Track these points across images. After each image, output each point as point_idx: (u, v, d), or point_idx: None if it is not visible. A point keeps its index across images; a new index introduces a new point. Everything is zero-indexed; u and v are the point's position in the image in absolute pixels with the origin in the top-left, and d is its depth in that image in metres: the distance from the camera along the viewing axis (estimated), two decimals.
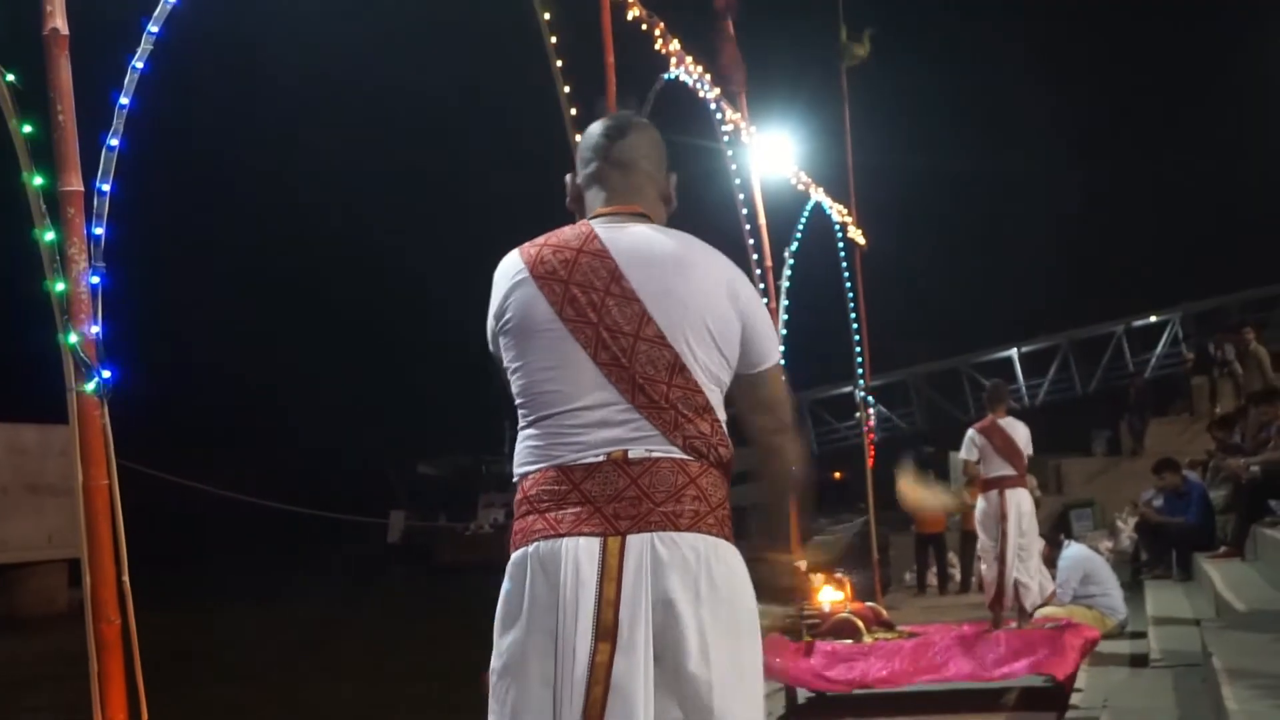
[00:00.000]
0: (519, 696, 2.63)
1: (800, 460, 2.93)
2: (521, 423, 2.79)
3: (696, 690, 2.59)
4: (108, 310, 3.89)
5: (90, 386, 3.81)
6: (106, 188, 3.96)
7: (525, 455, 2.77)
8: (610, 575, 2.60)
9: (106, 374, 3.83)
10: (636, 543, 2.62)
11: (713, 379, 2.74)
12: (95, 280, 3.86)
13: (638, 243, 2.78)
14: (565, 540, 2.64)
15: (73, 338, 3.79)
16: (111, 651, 3.76)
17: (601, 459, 2.66)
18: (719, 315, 2.74)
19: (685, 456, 2.68)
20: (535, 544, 2.67)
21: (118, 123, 4.05)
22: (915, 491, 12.49)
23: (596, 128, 2.99)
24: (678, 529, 2.64)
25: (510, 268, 2.83)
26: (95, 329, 3.84)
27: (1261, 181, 36.62)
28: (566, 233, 2.83)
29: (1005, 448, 9.70)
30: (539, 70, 6.77)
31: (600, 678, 2.55)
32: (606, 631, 2.57)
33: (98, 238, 3.90)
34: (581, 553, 2.62)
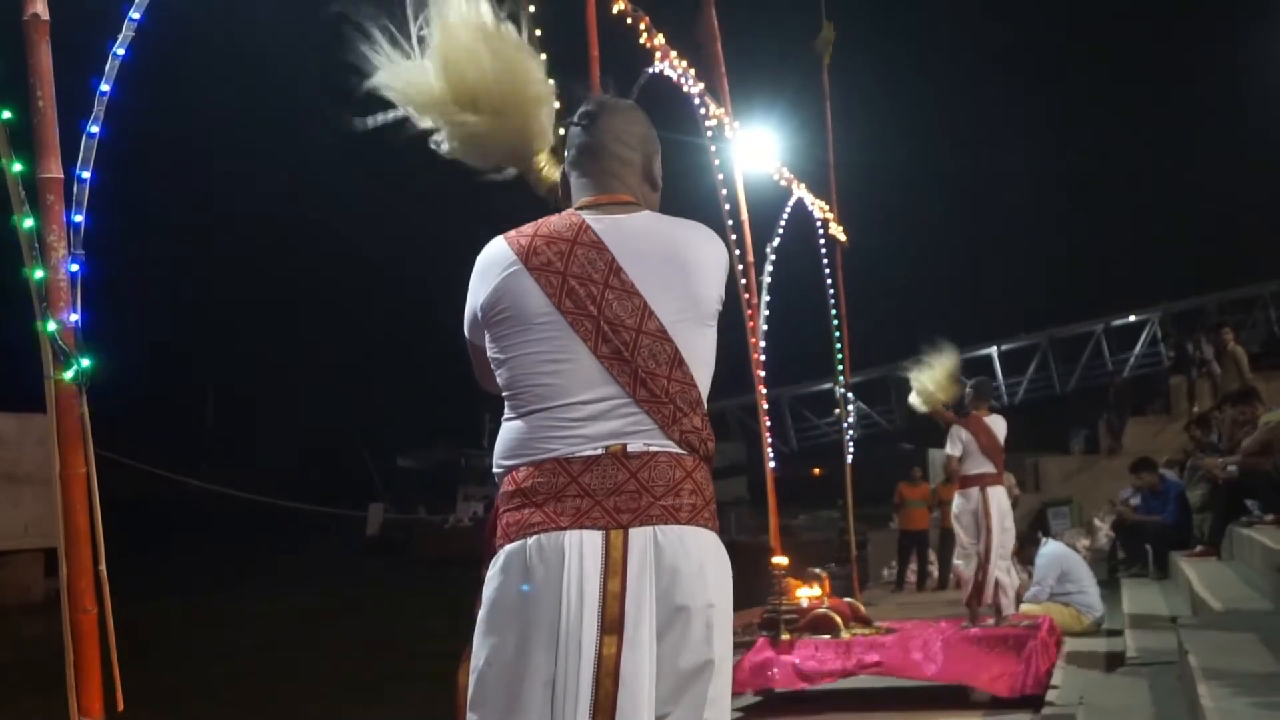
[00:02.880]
0: (514, 692, 2.60)
1: None
2: (510, 414, 2.76)
3: (698, 680, 2.60)
4: (86, 298, 3.87)
5: (69, 375, 3.78)
6: (86, 175, 3.94)
7: (516, 447, 2.73)
8: (614, 569, 2.59)
9: (85, 362, 3.81)
10: (639, 536, 2.61)
11: (705, 372, 2.76)
12: (74, 268, 3.84)
13: (633, 234, 2.76)
14: (569, 533, 2.61)
15: (51, 326, 3.77)
16: (87, 641, 3.75)
17: (600, 452, 2.65)
18: (712, 308, 2.77)
19: (681, 451, 2.68)
20: (535, 537, 2.64)
21: (98, 110, 4.02)
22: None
23: (578, 114, 2.98)
24: (678, 522, 2.64)
25: (500, 257, 2.78)
26: (74, 317, 3.82)
27: (1242, 183, 36.83)
28: (556, 222, 2.80)
29: (989, 445, 9.72)
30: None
31: (610, 670, 2.54)
32: (612, 625, 2.56)
33: (77, 225, 3.88)
34: (585, 546, 2.60)
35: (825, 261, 14.10)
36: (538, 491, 2.66)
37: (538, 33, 6.87)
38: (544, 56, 6.82)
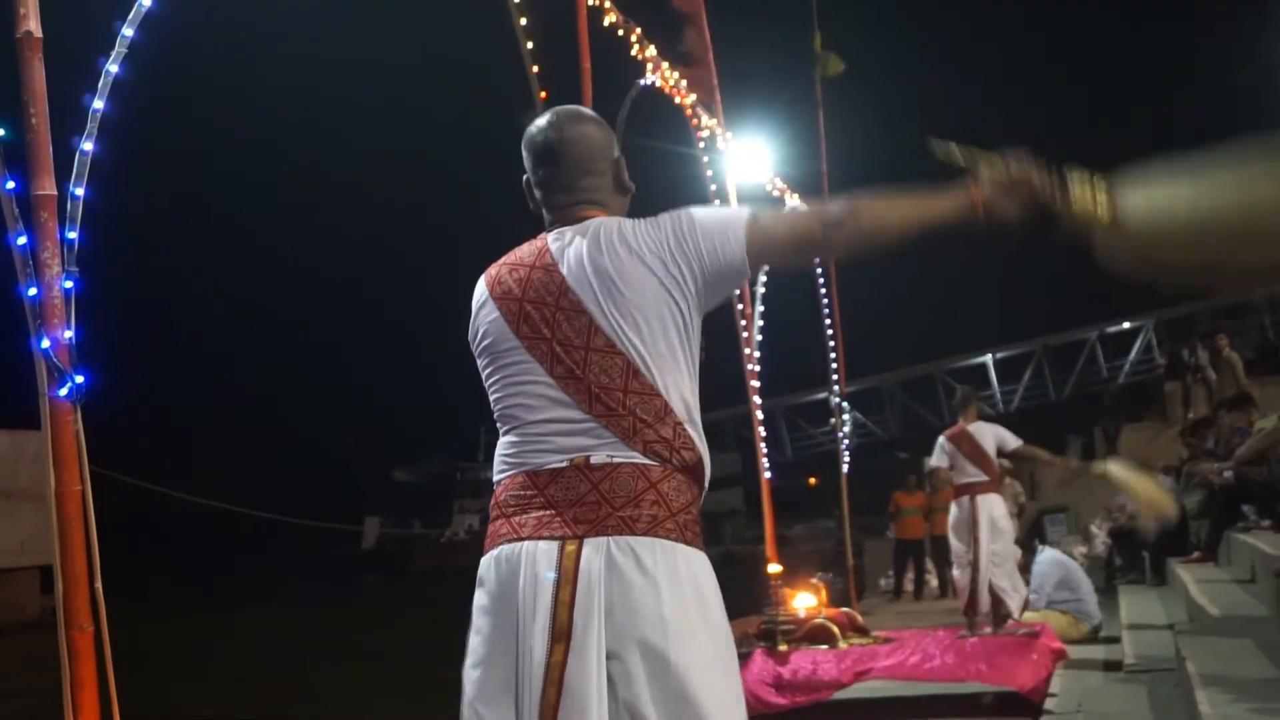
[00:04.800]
0: (484, 698, 2.67)
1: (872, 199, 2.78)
2: (500, 434, 2.87)
3: (663, 683, 2.58)
4: (81, 315, 3.86)
5: (63, 392, 3.78)
6: (80, 192, 3.93)
7: (499, 463, 2.85)
8: (566, 578, 2.63)
9: (80, 379, 3.80)
10: (593, 546, 2.65)
11: (673, 377, 2.74)
12: (68, 285, 3.84)
13: (577, 250, 2.80)
14: (526, 544, 2.69)
15: (46, 343, 3.77)
16: (84, 659, 3.73)
17: (565, 464, 2.71)
18: (659, 308, 2.73)
19: (647, 461, 2.70)
20: (500, 548, 2.74)
21: (91, 126, 4.02)
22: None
23: (533, 148, 2.93)
24: (634, 533, 2.66)
25: (479, 291, 2.90)
26: (68, 334, 3.82)
27: None
28: (524, 250, 2.89)
29: (974, 454, 9.71)
30: (516, 75, 6.77)
31: (554, 679, 2.58)
32: (561, 633, 2.60)
33: (71, 242, 3.87)
34: (540, 555, 2.67)
35: (819, 271, 14.11)
36: (509, 504, 2.76)
37: (529, 45, 6.91)
38: (536, 69, 6.84)
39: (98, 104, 4.05)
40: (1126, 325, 32.46)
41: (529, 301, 2.78)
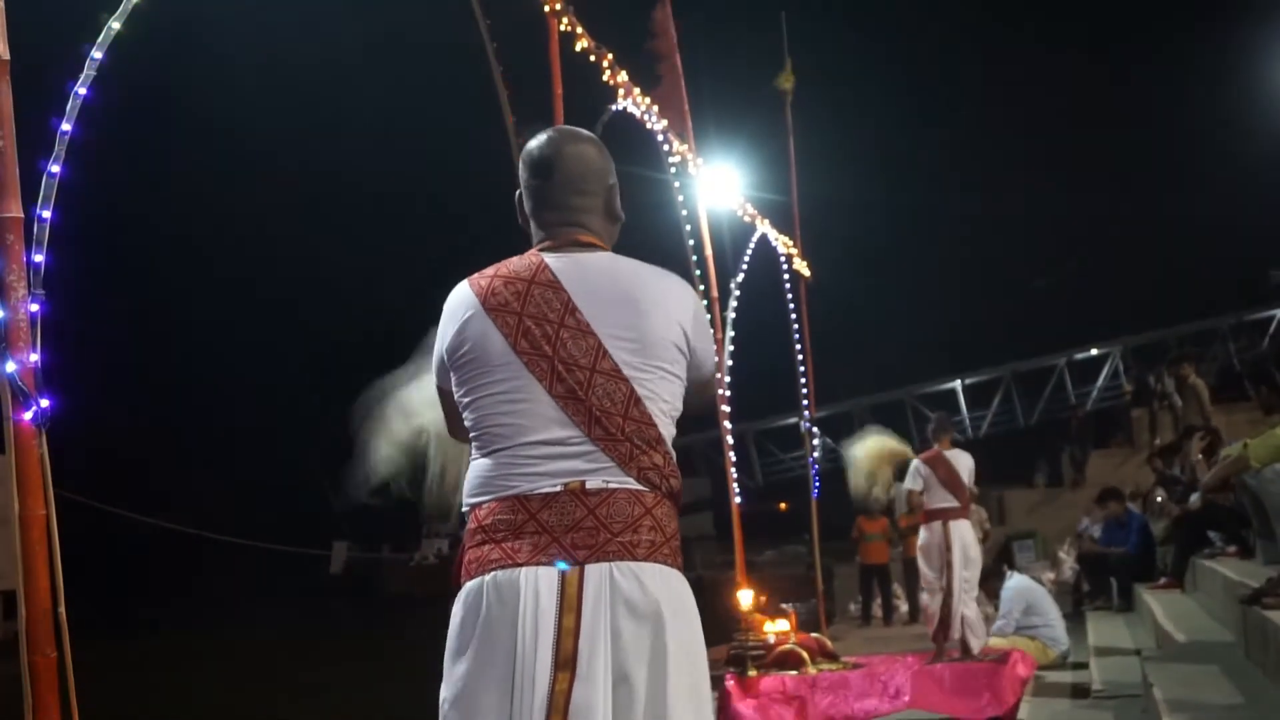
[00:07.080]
0: None
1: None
2: (476, 454, 2.80)
3: (659, 715, 2.59)
4: (47, 338, 3.84)
5: (28, 416, 3.75)
6: (47, 215, 3.91)
7: (479, 485, 2.77)
8: (570, 605, 2.61)
9: (45, 403, 3.78)
10: (595, 572, 2.63)
11: (666, 411, 2.77)
12: (34, 308, 3.81)
13: (590, 274, 2.77)
14: (524, 570, 2.64)
15: (11, 366, 3.74)
16: (47, 685, 3.70)
17: (559, 489, 2.67)
18: (672, 351, 2.77)
19: (640, 488, 2.70)
20: (492, 573, 2.67)
21: (59, 149, 4.00)
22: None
23: (529, 160, 2.92)
24: (635, 559, 2.65)
25: (462, 301, 2.82)
26: (34, 357, 3.79)
27: (1199, 216, 37.22)
28: (516, 263, 2.83)
29: (949, 479, 9.72)
30: (488, 101, 6.79)
31: (560, 706, 2.55)
32: (566, 661, 2.57)
33: (37, 265, 3.85)
34: (541, 582, 2.62)
35: (789, 296, 14.15)
36: (498, 528, 2.69)
37: (500, 69, 6.91)
38: (508, 94, 6.84)
39: (65, 127, 4.03)
40: (1094, 352, 32.62)
41: (529, 316, 2.72)
